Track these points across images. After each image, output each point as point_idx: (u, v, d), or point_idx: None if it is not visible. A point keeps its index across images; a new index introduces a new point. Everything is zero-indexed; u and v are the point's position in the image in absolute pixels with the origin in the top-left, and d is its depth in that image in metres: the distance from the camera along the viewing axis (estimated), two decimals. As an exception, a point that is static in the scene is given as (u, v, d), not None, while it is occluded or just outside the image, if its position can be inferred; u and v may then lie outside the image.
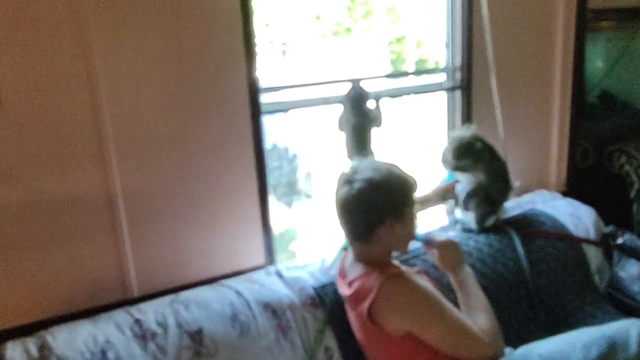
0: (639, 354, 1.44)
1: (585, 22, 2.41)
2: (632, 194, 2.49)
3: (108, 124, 1.65)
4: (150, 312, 1.63)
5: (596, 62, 2.91)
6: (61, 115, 1.60)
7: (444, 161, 2.01)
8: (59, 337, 1.51)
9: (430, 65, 3.16)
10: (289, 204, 3.12)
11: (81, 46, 1.59)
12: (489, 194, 2.02)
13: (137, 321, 1.59)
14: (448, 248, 1.71)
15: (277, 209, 2.94)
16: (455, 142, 1.97)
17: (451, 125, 2.33)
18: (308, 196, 3.17)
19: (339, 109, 1.94)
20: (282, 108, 2.04)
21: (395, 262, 1.73)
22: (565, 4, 2.41)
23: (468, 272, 1.70)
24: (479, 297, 1.63)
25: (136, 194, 1.73)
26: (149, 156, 1.74)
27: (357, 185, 1.57)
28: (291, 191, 3.13)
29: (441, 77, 2.36)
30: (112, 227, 1.72)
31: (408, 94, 2.33)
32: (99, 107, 1.64)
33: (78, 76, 1.60)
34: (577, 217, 2.18)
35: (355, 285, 1.60)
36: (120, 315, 1.62)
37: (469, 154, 1.96)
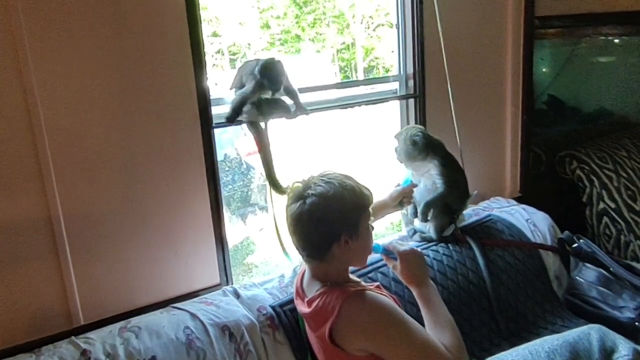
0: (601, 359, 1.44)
1: (533, 30, 2.44)
2: (585, 199, 2.54)
3: (46, 143, 1.55)
4: (98, 342, 1.52)
5: (543, 68, 2.96)
6: (-5, 135, 1.50)
7: (401, 151, 1.98)
8: (-4, 376, 1.39)
9: (381, 71, 3.15)
10: (244, 218, 3.04)
11: (15, 59, 1.49)
12: (448, 202, 2.00)
13: (84, 353, 1.48)
14: (411, 259, 1.64)
15: (232, 223, 2.86)
16: (412, 129, 1.97)
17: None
18: (263, 208, 3.09)
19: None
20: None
21: (354, 277, 1.68)
22: (514, 12, 2.44)
23: (431, 285, 1.66)
24: (443, 312, 1.59)
25: (79, 215, 1.63)
26: (91, 175, 1.64)
27: (309, 200, 1.50)
28: (245, 204, 3.05)
29: (393, 85, 2.34)
30: (53, 251, 1.61)
31: (360, 104, 2.27)
32: (36, 124, 1.54)
33: (13, 92, 1.50)
34: (533, 223, 2.20)
35: (314, 304, 1.53)
36: (66, 347, 1.51)
37: (426, 140, 1.94)
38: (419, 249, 1.69)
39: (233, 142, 2.85)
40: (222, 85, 2.13)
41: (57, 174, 1.57)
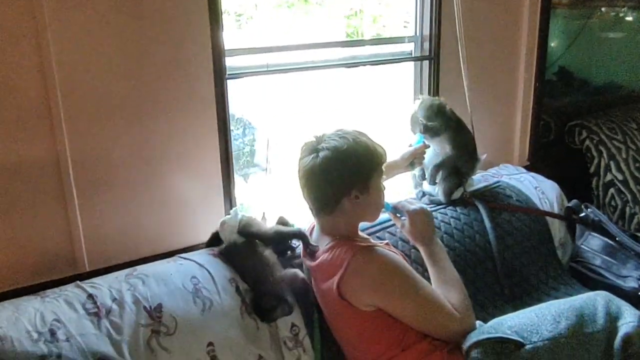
0: (606, 325, 1.44)
1: (550, -1, 2.40)
2: (592, 169, 2.53)
3: (57, 86, 1.51)
4: (104, 287, 1.50)
5: (554, 40, 2.92)
6: (6, 75, 1.46)
7: (414, 122, 1.96)
8: (2, 315, 1.37)
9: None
10: (246, 178, 3.02)
11: (28, 1, 1.44)
12: (457, 166, 1.99)
13: (90, 297, 1.46)
14: (420, 217, 1.64)
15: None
16: (428, 102, 1.93)
17: (418, 95, 2.27)
18: (266, 169, 3.07)
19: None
20: (246, 72, 1.92)
21: (363, 234, 1.68)
22: (532, -23, 2.39)
23: (439, 244, 1.65)
24: (451, 271, 1.59)
25: (87, 161, 1.61)
26: (102, 121, 1.61)
27: (322, 154, 1.50)
28: (249, 163, 3.02)
29: (408, 47, 2.30)
30: (60, 195, 1.59)
31: (374, 63, 2.25)
32: (47, 66, 1.50)
33: (25, 34, 1.46)
34: (541, 190, 2.19)
35: (322, 258, 1.53)
36: (71, 291, 1.49)
37: (440, 115, 1.91)
38: (426, 207, 1.68)
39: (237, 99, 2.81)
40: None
41: (66, 117, 1.54)
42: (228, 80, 1.78)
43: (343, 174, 1.49)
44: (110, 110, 1.61)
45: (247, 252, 1.64)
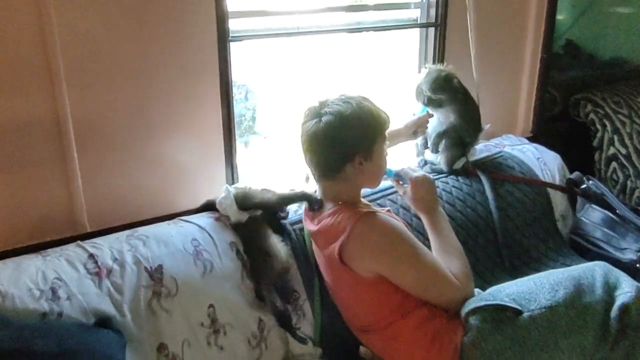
0: (603, 295, 1.44)
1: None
2: (595, 143, 2.51)
3: (57, 43, 1.48)
4: (105, 247, 1.51)
5: (562, 12, 2.88)
6: (5, 33, 1.43)
7: (418, 93, 1.94)
8: (3, 273, 1.38)
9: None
10: (246, 144, 3.00)
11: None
12: (460, 135, 1.98)
13: (91, 256, 1.47)
14: (423, 185, 1.63)
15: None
16: (434, 74, 1.90)
17: (423, 64, 2.24)
18: (264, 135, 3.05)
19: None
20: (250, 34, 1.89)
21: (365, 201, 1.67)
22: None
23: (442, 213, 1.65)
24: (452, 240, 1.59)
25: (88, 121, 1.59)
26: (103, 81, 1.59)
27: (325, 119, 1.48)
28: (250, 128, 3.00)
29: (413, 14, 2.26)
30: (61, 156, 1.58)
31: (378, 29, 2.22)
32: (47, 25, 1.47)
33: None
34: (544, 162, 2.18)
35: (325, 222, 1.53)
36: (73, 250, 1.49)
37: (446, 88, 1.89)
38: (429, 175, 1.67)
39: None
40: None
41: (67, 76, 1.52)
42: (231, 43, 1.75)
43: (346, 140, 1.48)
44: (112, 70, 1.59)
45: (252, 237, 1.62)
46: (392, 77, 2.41)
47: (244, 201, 1.64)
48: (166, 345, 1.45)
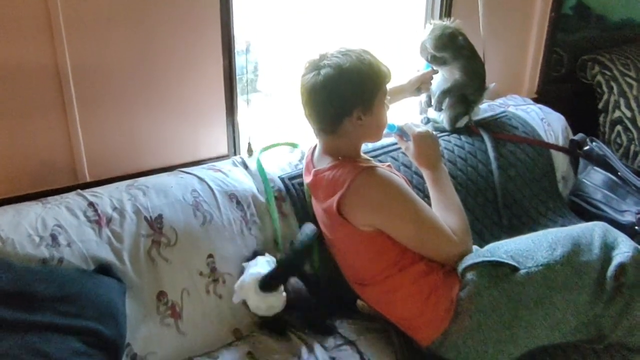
0: (601, 255, 1.45)
1: None
2: (601, 105, 2.48)
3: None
4: (105, 196, 1.51)
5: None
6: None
7: (422, 50, 1.90)
8: (3, 219, 1.39)
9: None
10: (248, 101, 2.97)
11: None
12: (464, 93, 1.95)
13: (91, 205, 1.47)
14: (425, 141, 1.61)
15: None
16: (438, 31, 1.85)
17: (429, 19, 2.19)
18: (266, 93, 3.02)
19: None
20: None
21: (365, 156, 1.66)
22: None
23: (444, 170, 1.64)
24: (452, 197, 1.58)
25: (87, 68, 1.57)
26: (103, 28, 1.56)
27: (324, 71, 1.45)
28: (252, 82, 2.95)
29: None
30: (60, 104, 1.56)
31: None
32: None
33: None
34: (548, 122, 2.16)
35: (324, 175, 1.52)
36: (73, 198, 1.50)
37: (450, 46, 1.85)
38: (432, 131, 1.66)
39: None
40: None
41: (66, 23, 1.49)
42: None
43: (345, 93, 1.46)
44: (112, 19, 1.56)
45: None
46: (398, 32, 2.36)
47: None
48: (165, 293, 1.47)
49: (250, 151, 1.83)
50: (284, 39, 2.36)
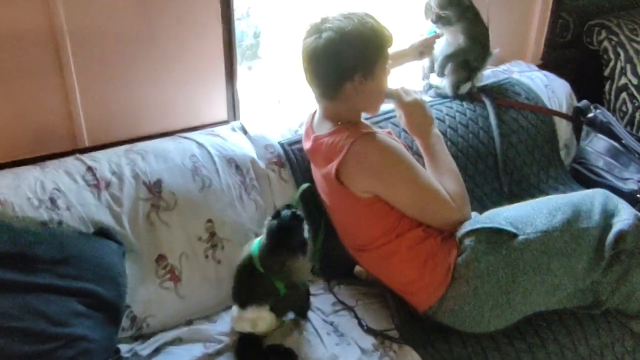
0: (601, 221, 1.45)
1: None
2: (607, 72, 2.44)
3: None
4: (104, 160, 1.52)
5: None
6: None
7: (427, 10, 1.87)
8: (2, 182, 1.40)
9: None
10: (249, 67, 2.93)
11: None
12: (467, 59, 1.92)
13: (90, 169, 1.48)
14: (414, 110, 1.61)
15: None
16: None
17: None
18: (267, 60, 2.98)
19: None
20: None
21: (365, 122, 1.65)
22: None
23: (437, 135, 1.63)
24: (448, 162, 1.58)
25: (85, 31, 1.55)
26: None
27: (325, 35, 1.43)
28: (253, 47, 2.92)
29: None
30: (57, 69, 1.55)
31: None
32: None
33: None
34: (551, 89, 2.13)
35: (323, 140, 1.51)
36: (71, 163, 1.50)
37: (454, 4, 1.81)
38: (421, 98, 1.64)
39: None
40: None
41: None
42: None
43: (347, 57, 1.44)
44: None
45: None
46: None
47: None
48: (165, 256, 1.48)
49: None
50: (286, 3, 2.32)
